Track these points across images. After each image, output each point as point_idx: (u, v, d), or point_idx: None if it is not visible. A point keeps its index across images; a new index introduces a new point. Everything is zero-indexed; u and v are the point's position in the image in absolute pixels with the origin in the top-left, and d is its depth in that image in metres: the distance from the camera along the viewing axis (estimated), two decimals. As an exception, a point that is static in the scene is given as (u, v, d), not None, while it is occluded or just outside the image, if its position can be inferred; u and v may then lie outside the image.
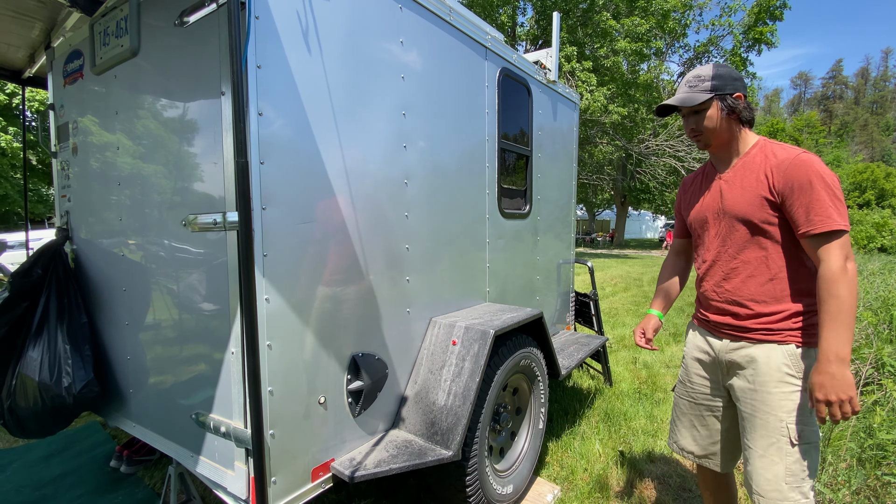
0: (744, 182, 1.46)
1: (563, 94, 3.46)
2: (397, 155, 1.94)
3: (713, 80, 1.46)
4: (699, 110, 1.48)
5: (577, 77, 14.07)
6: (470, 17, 2.40)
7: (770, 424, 1.39)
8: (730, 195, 1.50)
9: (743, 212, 1.45)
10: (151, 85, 1.78)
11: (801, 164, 1.34)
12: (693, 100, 1.46)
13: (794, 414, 1.37)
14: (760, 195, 1.41)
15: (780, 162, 1.37)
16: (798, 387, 1.37)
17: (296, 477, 1.55)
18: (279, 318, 1.48)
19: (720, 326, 1.55)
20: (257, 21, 1.38)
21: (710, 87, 1.46)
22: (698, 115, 1.49)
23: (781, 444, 1.37)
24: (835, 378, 1.24)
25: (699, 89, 1.47)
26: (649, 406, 3.43)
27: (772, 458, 1.38)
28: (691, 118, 1.52)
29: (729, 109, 1.46)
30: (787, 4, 17.64)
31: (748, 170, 1.46)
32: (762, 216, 1.41)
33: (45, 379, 1.94)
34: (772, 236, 1.41)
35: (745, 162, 1.48)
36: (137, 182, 1.88)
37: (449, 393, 1.90)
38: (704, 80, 1.47)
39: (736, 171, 1.50)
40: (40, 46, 2.47)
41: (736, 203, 1.47)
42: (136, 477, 2.49)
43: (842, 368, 1.24)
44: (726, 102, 1.46)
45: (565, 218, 3.66)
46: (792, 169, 1.34)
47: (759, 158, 1.45)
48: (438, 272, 2.22)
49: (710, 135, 1.50)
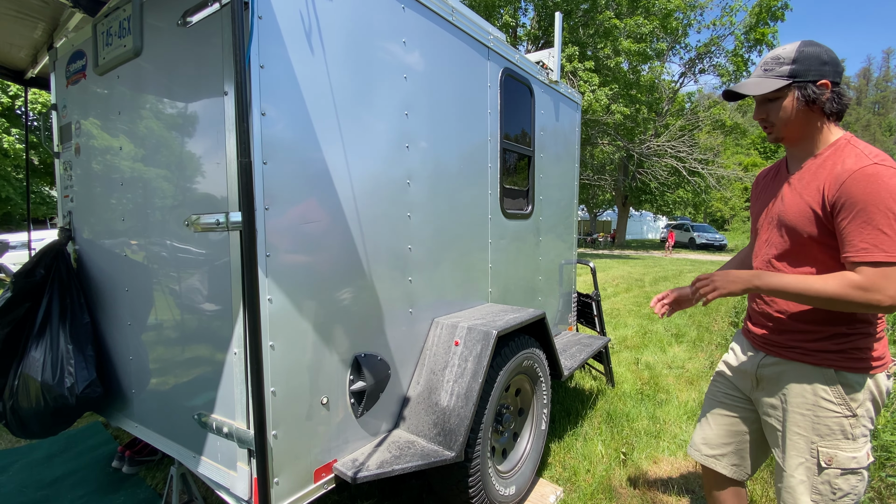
0: (804, 189, 1.29)
1: (565, 95, 3.45)
2: (400, 155, 1.94)
3: (793, 64, 1.25)
4: (772, 98, 1.29)
5: (580, 77, 14.07)
6: (472, 17, 2.39)
7: (799, 445, 1.33)
8: (788, 200, 1.34)
9: (793, 222, 1.30)
10: (154, 85, 1.78)
11: (863, 179, 1.15)
12: (763, 87, 1.27)
13: (828, 439, 1.29)
14: (811, 207, 1.25)
15: (843, 172, 1.19)
16: (836, 413, 1.28)
17: (298, 478, 1.55)
18: (282, 318, 1.48)
19: (758, 338, 1.47)
20: (260, 21, 1.38)
21: (788, 71, 1.25)
22: (770, 104, 1.31)
23: (809, 465, 1.32)
24: (731, 275, 1.32)
25: (774, 74, 1.27)
26: (651, 407, 3.42)
27: (799, 478, 1.33)
28: (762, 106, 1.33)
29: (808, 100, 1.25)
30: (788, 5, 17.61)
31: (814, 175, 1.28)
32: (810, 230, 1.26)
33: (48, 379, 1.94)
34: (821, 254, 1.27)
35: (815, 165, 1.30)
36: (140, 182, 1.88)
37: (451, 394, 1.90)
38: (783, 62, 1.26)
39: (804, 173, 1.32)
40: (43, 47, 2.47)
41: (789, 211, 1.32)
42: (138, 477, 2.49)
43: (743, 278, 1.30)
44: (806, 91, 1.24)
45: (567, 218, 3.65)
46: (851, 183, 1.16)
47: (829, 163, 1.25)
48: (441, 272, 2.22)
49: (782, 128, 1.32)
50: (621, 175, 21.86)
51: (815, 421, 1.31)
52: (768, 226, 1.42)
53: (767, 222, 1.42)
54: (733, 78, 19.46)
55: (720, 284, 1.33)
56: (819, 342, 1.31)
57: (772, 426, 1.43)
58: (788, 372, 1.37)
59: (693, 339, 5.50)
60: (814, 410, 1.31)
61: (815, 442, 1.31)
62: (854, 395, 1.28)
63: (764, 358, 1.45)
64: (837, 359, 1.29)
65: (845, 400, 1.28)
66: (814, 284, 1.21)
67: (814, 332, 1.32)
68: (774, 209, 1.40)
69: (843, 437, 1.29)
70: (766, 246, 1.41)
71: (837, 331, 1.29)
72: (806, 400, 1.32)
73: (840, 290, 1.17)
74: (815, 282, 1.22)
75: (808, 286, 1.22)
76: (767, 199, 1.45)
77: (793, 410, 1.35)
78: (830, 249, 1.26)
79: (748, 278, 1.30)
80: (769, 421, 1.43)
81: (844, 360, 1.29)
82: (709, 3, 19.57)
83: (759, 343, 1.47)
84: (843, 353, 1.29)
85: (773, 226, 1.40)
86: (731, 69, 19.22)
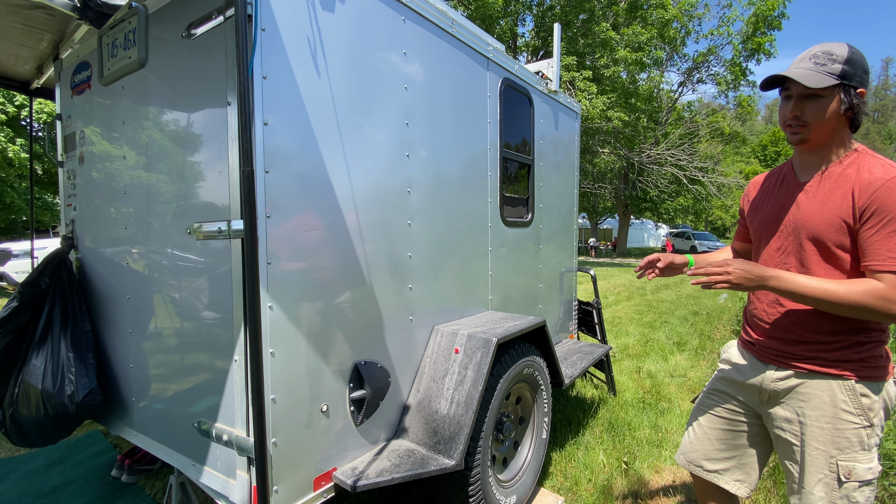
0: (827, 197, 1.26)
1: (565, 104, 3.48)
2: (400, 164, 1.96)
3: (845, 65, 1.19)
4: (817, 95, 1.22)
5: (577, 87, 14.18)
6: (472, 28, 2.43)
7: (818, 460, 1.28)
8: (807, 208, 1.30)
9: (817, 230, 1.26)
10: (158, 96, 1.81)
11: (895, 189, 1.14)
12: (817, 80, 1.19)
13: (847, 451, 1.26)
14: (840, 217, 1.22)
15: (874, 180, 1.17)
16: (855, 424, 1.25)
17: (298, 486, 1.55)
18: (282, 326, 1.48)
19: (766, 350, 1.41)
20: (263, 33, 1.40)
21: (840, 71, 1.19)
22: (813, 102, 1.23)
23: (829, 480, 1.27)
24: (749, 269, 1.22)
25: (827, 70, 1.19)
26: (654, 416, 3.40)
27: (819, 495, 1.29)
28: (802, 103, 1.25)
29: (848, 106, 1.21)
30: (785, 14, 17.77)
31: (835, 184, 1.25)
32: (838, 240, 1.23)
33: (48, 387, 1.94)
34: (844, 263, 1.24)
35: (834, 173, 1.27)
36: (143, 191, 1.90)
37: (451, 402, 1.89)
38: (836, 59, 1.20)
39: (822, 181, 1.29)
40: (48, 58, 2.51)
41: (811, 218, 1.28)
42: (138, 486, 2.48)
43: (761, 275, 1.22)
44: (850, 96, 1.20)
45: (567, 226, 3.66)
46: (884, 191, 1.14)
47: (851, 171, 1.23)
48: (441, 280, 2.23)
49: (815, 130, 1.25)
50: (622, 183, 21.93)
51: (835, 434, 1.27)
52: (781, 233, 1.37)
53: (780, 230, 1.37)
54: (731, 87, 19.59)
55: (735, 278, 1.23)
56: (839, 351, 1.28)
57: (786, 441, 1.37)
58: (806, 384, 1.32)
59: (695, 347, 5.48)
60: (833, 423, 1.27)
61: (833, 456, 1.27)
62: (872, 404, 1.26)
63: (775, 371, 1.39)
64: (858, 368, 1.26)
65: (864, 410, 1.26)
66: (836, 290, 1.18)
67: (834, 342, 1.28)
68: (789, 217, 1.35)
69: (861, 448, 1.26)
70: (780, 254, 1.37)
71: (857, 339, 1.26)
72: (825, 413, 1.28)
73: (863, 298, 1.15)
74: (837, 287, 1.18)
75: (830, 292, 1.18)
76: (776, 207, 1.41)
77: (811, 424, 1.30)
78: (855, 259, 1.23)
79: (766, 276, 1.23)
80: (783, 436, 1.37)
81: (864, 368, 1.27)
82: (706, 14, 19.77)
83: (768, 356, 1.41)
84: (863, 361, 1.27)
85: (788, 233, 1.35)
86: (730, 78, 19.35)
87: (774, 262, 1.38)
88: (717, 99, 21.16)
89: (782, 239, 1.36)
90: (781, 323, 1.36)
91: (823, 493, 1.28)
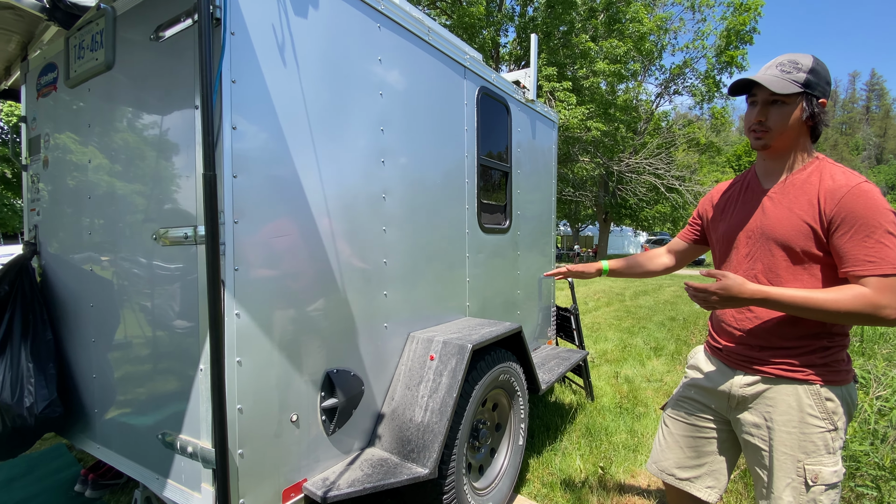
0: (792, 203, 1.30)
1: (542, 113, 3.53)
2: (375, 170, 1.95)
3: (809, 74, 1.24)
4: (781, 102, 1.27)
5: (557, 97, 14.42)
6: (449, 37, 2.45)
7: (786, 465, 1.31)
8: (774, 215, 1.33)
9: (784, 236, 1.29)
10: (126, 98, 1.77)
11: (861, 195, 1.18)
12: (782, 87, 1.24)
13: (814, 455, 1.28)
14: (807, 223, 1.25)
15: (838, 188, 1.21)
16: (821, 428, 1.28)
17: (266, 498, 1.51)
18: (250, 333, 1.45)
19: (734, 356, 1.43)
20: (233, 37, 1.39)
21: (804, 80, 1.24)
22: (777, 108, 1.28)
23: (796, 485, 1.29)
24: (735, 291, 1.23)
25: (792, 78, 1.25)
26: (630, 420, 3.43)
27: (787, 500, 1.30)
28: (767, 109, 1.29)
29: (810, 114, 1.26)
30: (756, 29, 18.43)
31: (800, 190, 1.29)
32: (806, 245, 1.26)
33: (6, 398, 1.86)
34: (813, 267, 1.27)
35: (798, 180, 1.31)
36: (108, 196, 1.85)
37: (426, 409, 1.88)
38: (801, 68, 1.25)
39: (786, 188, 1.33)
40: (17, 59, 2.43)
41: (779, 225, 1.31)
42: (102, 502, 2.38)
43: (751, 292, 1.22)
44: (812, 105, 1.26)
45: (546, 233, 3.70)
46: (850, 198, 1.18)
47: (814, 179, 1.27)
48: (417, 287, 2.22)
49: (777, 136, 1.30)
50: (602, 191, 22.29)
51: (802, 438, 1.29)
52: (748, 240, 1.39)
53: (747, 237, 1.40)
54: (706, 98, 20.18)
55: (721, 303, 1.27)
56: (804, 356, 1.30)
57: (755, 446, 1.38)
58: (773, 389, 1.34)
59: (671, 352, 5.57)
60: (800, 427, 1.29)
61: (801, 460, 1.29)
62: (836, 408, 1.29)
63: (742, 376, 1.40)
64: (823, 372, 1.29)
65: (829, 414, 1.29)
66: (825, 299, 1.18)
67: (798, 346, 1.31)
68: (756, 223, 1.37)
69: (826, 451, 1.29)
70: (749, 260, 1.38)
71: (821, 344, 1.29)
72: (792, 418, 1.30)
73: (853, 304, 1.16)
74: (824, 296, 1.19)
75: (818, 301, 1.19)
76: (742, 214, 1.43)
77: (779, 429, 1.32)
78: (823, 264, 1.26)
79: (756, 293, 1.24)
80: (752, 441, 1.39)
81: (828, 373, 1.29)
82: (682, 27, 20.37)
83: (736, 361, 1.43)
84: (827, 366, 1.29)
85: (755, 240, 1.37)
86: (704, 90, 19.94)
87: (743, 268, 1.40)
88: (693, 110, 21.77)
89: (750, 245, 1.38)
90: (749, 329, 1.38)
91: (791, 498, 1.30)
